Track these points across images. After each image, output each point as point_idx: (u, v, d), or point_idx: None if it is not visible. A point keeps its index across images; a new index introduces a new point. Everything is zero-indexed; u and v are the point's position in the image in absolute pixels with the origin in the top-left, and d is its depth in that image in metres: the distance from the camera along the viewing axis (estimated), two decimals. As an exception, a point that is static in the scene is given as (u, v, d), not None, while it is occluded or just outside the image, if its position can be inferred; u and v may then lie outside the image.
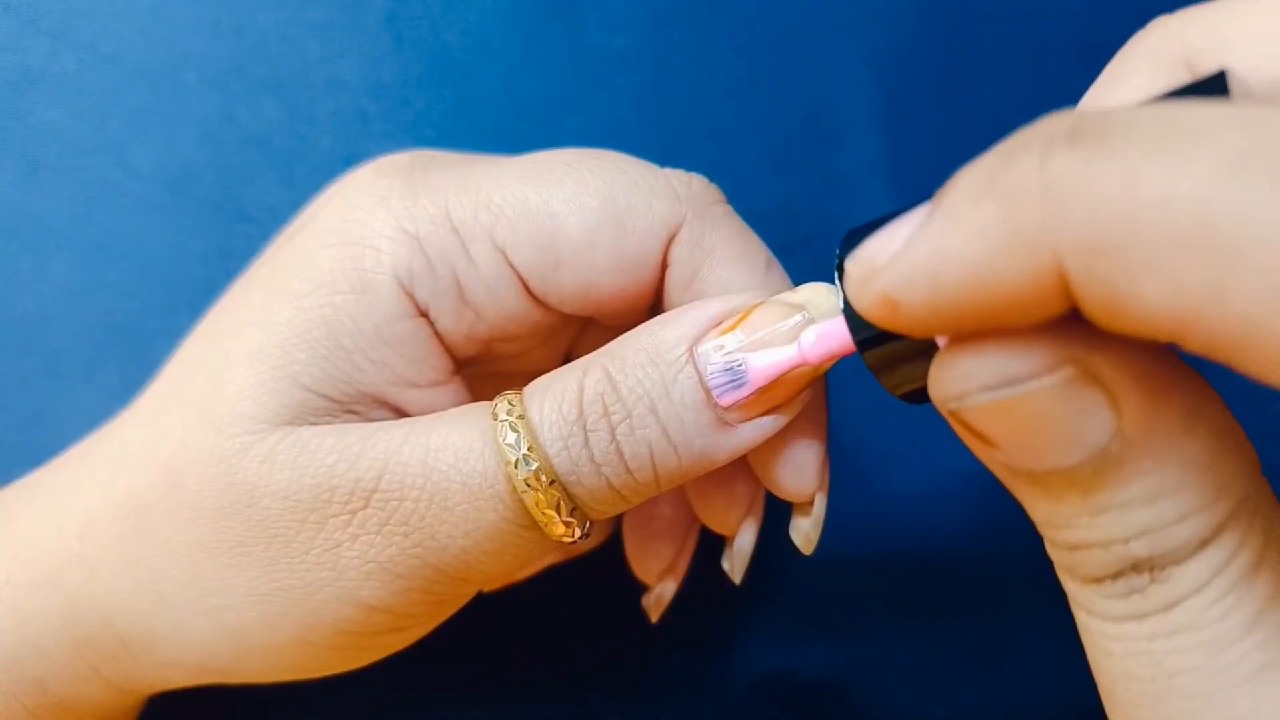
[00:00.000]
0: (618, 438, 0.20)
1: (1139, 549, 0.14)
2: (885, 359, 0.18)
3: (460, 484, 0.21)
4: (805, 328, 0.20)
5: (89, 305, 0.31)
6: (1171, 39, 0.17)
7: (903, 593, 0.30)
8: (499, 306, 0.22)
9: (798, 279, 0.24)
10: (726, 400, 0.20)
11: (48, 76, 0.31)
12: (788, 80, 0.32)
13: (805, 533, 0.23)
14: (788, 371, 0.20)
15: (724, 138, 0.32)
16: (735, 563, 0.25)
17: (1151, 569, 0.14)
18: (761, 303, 0.21)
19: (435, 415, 0.22)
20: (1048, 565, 0.30)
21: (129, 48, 0.31)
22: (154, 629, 0.22)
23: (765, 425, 0.21)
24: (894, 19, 0.31)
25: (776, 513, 0.25)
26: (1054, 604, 0.30)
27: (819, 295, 0.21)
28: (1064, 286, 0.13)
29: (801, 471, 0.22)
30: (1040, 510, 0.15)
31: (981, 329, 0.14)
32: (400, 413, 0.23)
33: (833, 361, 0.20)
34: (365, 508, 0.21)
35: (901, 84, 0.31)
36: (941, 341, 0.17)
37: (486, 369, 0.25)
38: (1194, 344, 0.12)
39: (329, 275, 0.21)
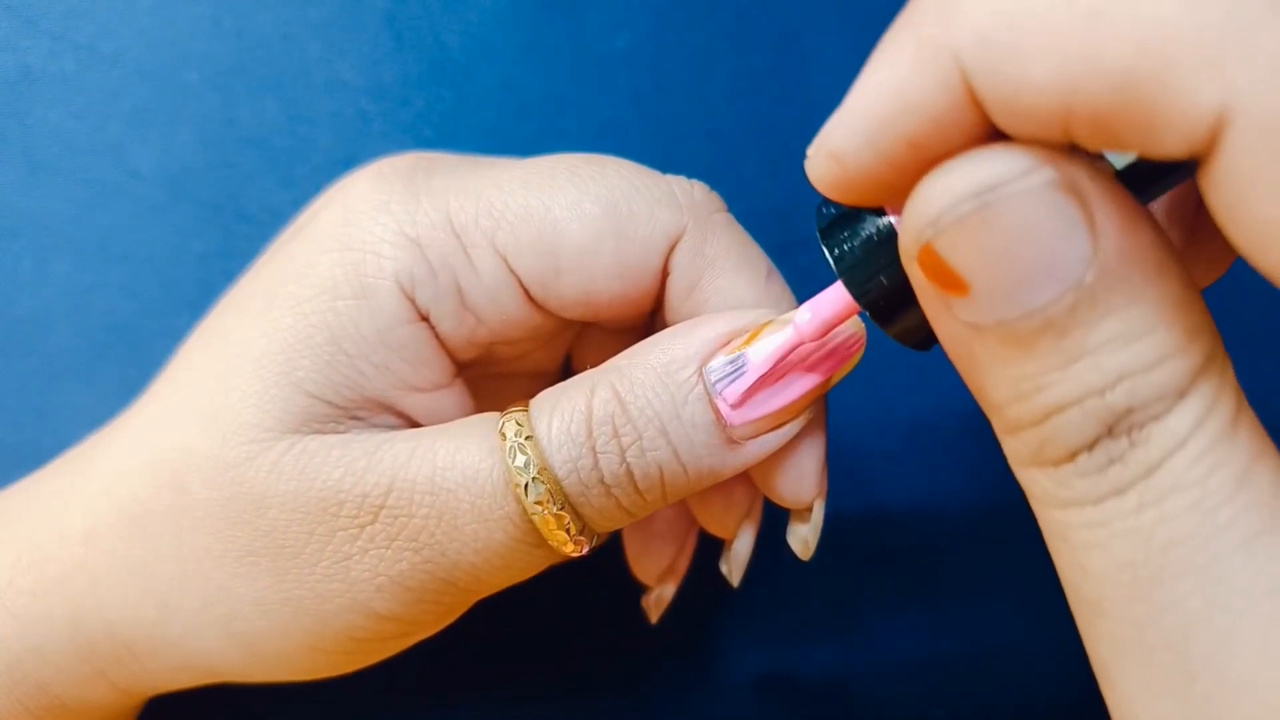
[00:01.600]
0: (628, 460, 0.20)
1: (1118, 398, 0.14)
2: (881, 301, 0.17)
3: (469, 504, 0.21)
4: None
5: (89, 305, 0.31)
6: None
7: (902, 593, 0.30)
8: (500, 311, 0.22)
9: (797, 281, 0.24)
10: (730, 393, 0.20)
11: (48, 76, 0.31)
12: (788, 80, 0.32)
13: (803, 538, 0.23)
14: (789, 353, 0.20)
15: (724, 138, 0.31)
16: (733, 565, 0.25)
17: (1130, 429, 0.14)
18: (769, 322, 0.21)
19: (440, 428, 0.22)
20: (1046, 566, 0.30)
21: (129, 48, 0.31)
22: (159, 635, 0.22)
23: (771, 441, 0.21)
24: (894, 20, 0.31)
25: (775, 514, 0.25)
26: (1054, 603, 0.30)
27: None
28: (971, 93, 0.14)
29: (800, 479, 0.22)
30: (1008, 377, 0.15)
31: (918, 165, 0.15)
32: (403, 417, 0.23)
33: (827, 332, 0.20)
34: (373, 522, 0.21)
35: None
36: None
37: (487, 371, 0.25)
38: (1083, 123, 0.13)
39: (330, 280, 0.21)
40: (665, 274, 0.22)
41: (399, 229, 0.22)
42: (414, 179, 0.22)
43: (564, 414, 0.21)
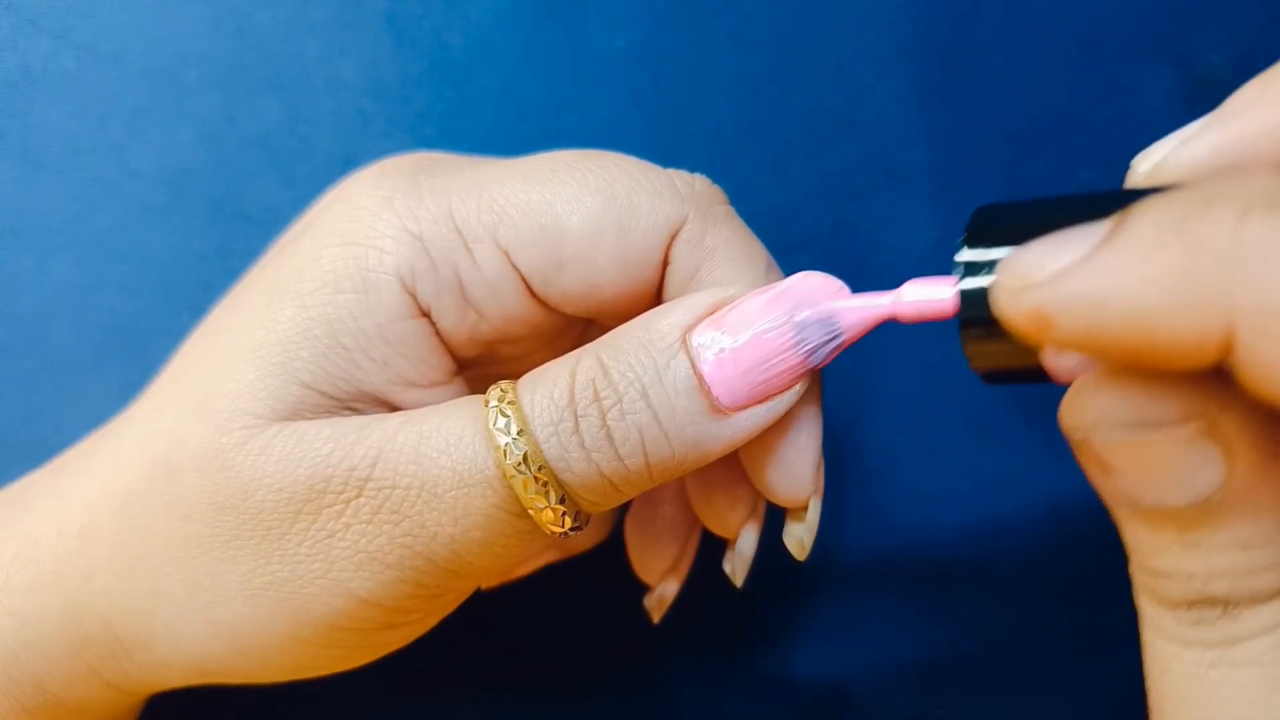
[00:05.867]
0: (608, 423, 0.20)
1: (1218, 588, 0.15)
2: (984, 342, 0.18)
3: (450, 470, 0.21)
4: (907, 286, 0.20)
5: (89, 305, 0.31)
6: None
7: (903, 593, 0.30)
8: (501, 307, 0.22)
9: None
10: (819, 355, 0.21)
11: (48, 76, 0.31)
12: (788, 80, 0.32)
13: (799, 538, 0.23)
14: (876, 322, 0.20)
15: (724, 138, 0.32)
16: (737, 565, 0.25)
17: (1225, 605, 0.15)
18: (753, 291, 0.21)
19: (432, 406, 0.22)
20: (1046, 566, 0.30)
21: (129, 48, 0.31)
22: (150, 627, 0.22)
23: (759, 415, 0.21)
24: (894, 19, 0.31)
25: (778, 514, 0.25)
26: (1053, 605, 0.30)
27: (810, 282, 0.21)
28: (1227, 346, 0.13)
29: (795, 476, 0.22)
30: (1135, 536, 0.16)
31: (1125, 367, 0.15)
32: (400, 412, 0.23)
33: (921, 320, 0.20)
34: (359, 496, 0.21)
35: (901, 84, 0.31)
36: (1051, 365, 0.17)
37: (489, 370, 0.25)
38: None
39: (332, 275, 0.22)
40: (666, 266, 0.22)
41: (401, 225, 0.22)
42: (416, 177, 0.22)
43: (548, 381, 0.21)
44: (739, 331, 0.20)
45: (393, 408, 0.22)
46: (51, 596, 0.22)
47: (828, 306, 0.20)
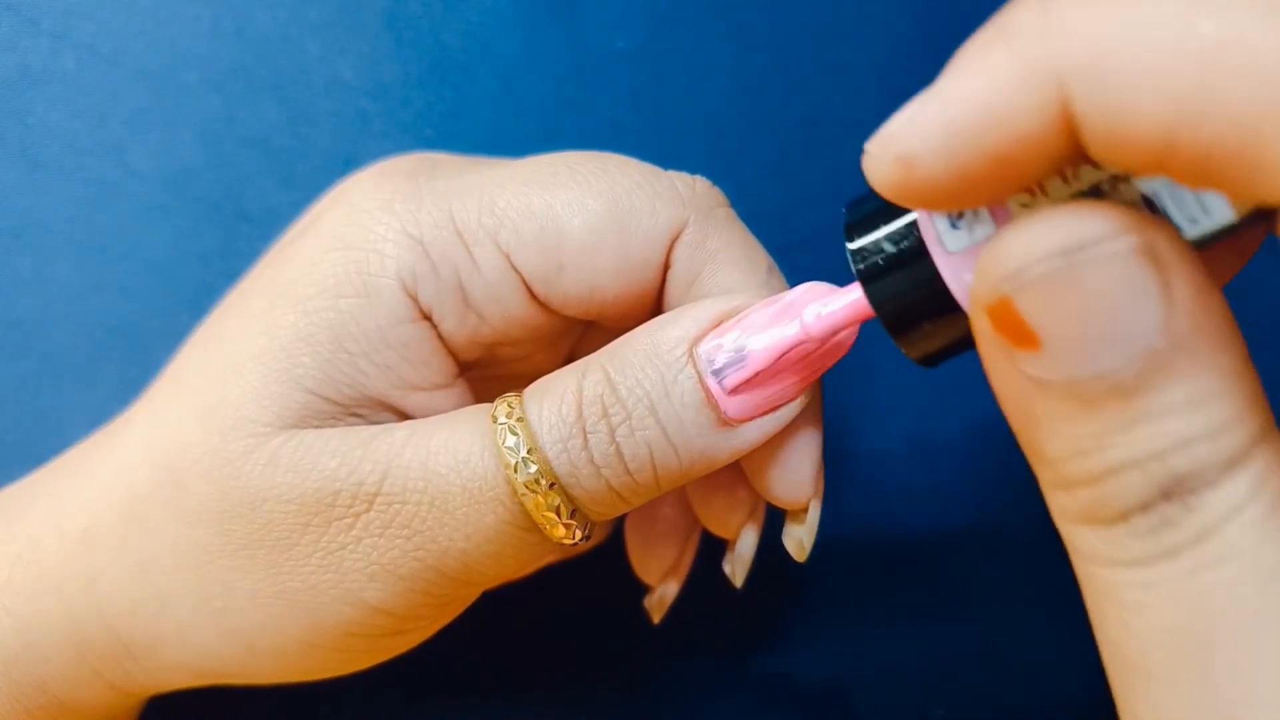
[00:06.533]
0: (617, 439, 0.20)
1: (1178, 463, 0.14)
2: (901, 314, 0.18)
3: (460, 487, 0.21)
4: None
5: (89, 306, 0.31)
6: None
7: (902, 593, 0.30)
8: (502, 310, 0.22)
9: (797, 280, 0.24)
10: (730, 382, 0.20)
11: (48, 76, 0.31)
12: (788, 81, 0.32)
13: (799, 540, 0.23)
14: (790, 350, 0.20)
15: (724, 139, 0.32)
16: (737, 566, 0.25)
17: (1185, 493, 0.14)
18: (760, 302, 0.21)
19: (437, 418, 0.22)
20: (1045, 564, 0.30)
21: (129, 48, 0.31)
22: (156, 632, 0.22)
23: (765, 425, 0.21)
24: (894, 20, 0.31)
25: (777, 515, 0.25)
26: (1052, 603, 0.30)
27: (815, 292, 0.21)
28: (1069, 118, 0.13)
29: (796, 479, 0.22)
30: (1067, 434, 0.15)
31: (996, 183, 0.14)
32: (403, 416, 0.23)
33: (837, 336, 0.20)
34: (368, 511, 0.21)
35: (901, 85, 0.31)
36: (957, 290, 0.17)
37: (490, 372, 0.25)
38: (1184, 160, 0.13)
39: (333, 279, 0.22)
40: (667, 269, 0.22)
41: (402, 228, 0.22)
42: (417, 179, 0.22)
43: (555, 396, 0.21)
44: (745, 343, 0.20)
45: (397, 412, 0.22)
46: (53, 599, 0.22)
47: (740, 339, 0.20)
